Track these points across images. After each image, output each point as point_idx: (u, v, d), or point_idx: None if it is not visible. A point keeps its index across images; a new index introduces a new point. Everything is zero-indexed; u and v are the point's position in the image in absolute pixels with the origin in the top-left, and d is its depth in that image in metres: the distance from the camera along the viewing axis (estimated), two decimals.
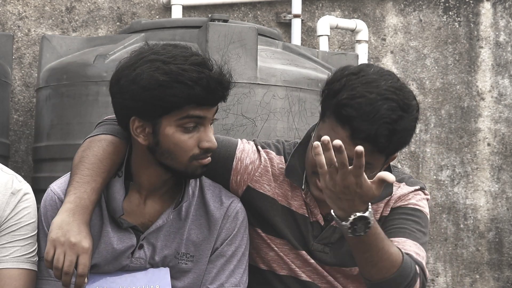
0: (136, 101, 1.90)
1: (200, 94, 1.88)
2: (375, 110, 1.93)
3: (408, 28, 4.82)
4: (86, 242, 1.88)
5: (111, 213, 2.00)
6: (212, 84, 1.89)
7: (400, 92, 1.98)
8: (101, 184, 1.97)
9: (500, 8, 4.94)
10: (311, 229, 2.16)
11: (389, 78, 2.01)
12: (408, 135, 2.01)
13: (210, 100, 1.92)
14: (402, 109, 1.96)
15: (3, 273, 1.96)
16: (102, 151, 2.00)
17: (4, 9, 4.15)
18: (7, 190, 1.99)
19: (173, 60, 1.89)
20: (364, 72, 2.00)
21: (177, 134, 1.93)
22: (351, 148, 1.95)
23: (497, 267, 4.93)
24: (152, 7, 4.36)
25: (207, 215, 2.08)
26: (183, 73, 1.87)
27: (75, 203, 1.91)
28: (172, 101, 1.88)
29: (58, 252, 1.87)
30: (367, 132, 1.93)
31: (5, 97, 3.50)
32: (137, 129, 1.95)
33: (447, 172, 4.88)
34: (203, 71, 1.88)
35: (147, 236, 2.03)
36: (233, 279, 2.08)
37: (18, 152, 4.14)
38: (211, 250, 2.08)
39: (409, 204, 2.16)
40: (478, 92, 4.91)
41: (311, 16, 4.64)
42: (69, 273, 1.86)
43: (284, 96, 3.18)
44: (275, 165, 2.19)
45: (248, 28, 3.14)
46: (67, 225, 1.88)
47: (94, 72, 3.21)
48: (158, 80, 1.87)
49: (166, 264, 2.05)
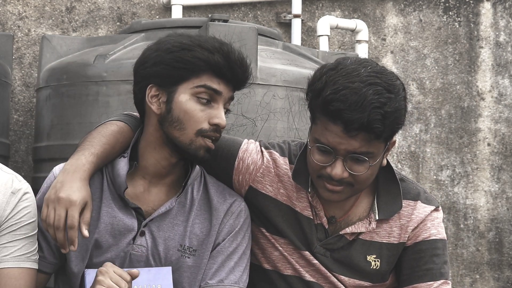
0: (158, 64, 1.99)
1: (219, 61, 1.95)
2: (362, 98, 1.92)
3: (408, 28, 4.83)
4: (75, 195, 1.89)
5: (117, 191, 2.03)
6: (232, 56, 1.97)
7: (381, 75, 1.98)
8: (101, 152, 2.01)
9: (500, 8, 4.94)
10: (315, 231, 2.16)
11: (367, 64, 2.01)
12: (400, 115, 2.00)
13: (229, 73, 1.98)
14: (388, 91, 1.95)
15: (4, 273, 1.97)
16: (106, 129, 2.06)
17: (4, 9, 4.15)
18: (7, 190, 1.99)
19: (197, 37, 2.00)
20: (342, 65, 2.00)
21: (190, 102, 1.98)
22: (349, 142, 1.96)
23: (497, 267, 4.93)
24: (152, 7, 4.36)
25: (210, 210, 2.10)
26: (206, 40, 1.98)
27: (70, 164, 1.96)
28: (192, 62, 1.95)
29: (49, 209, 1.91)
30: (359, 121, 1.92)
31: (5, 97, 3.50)
32: (153, 97, 2.01)
33: (447, 172, 4.88)
34: (225, 45, 1.99)
35: (149, 223, 2.04)
36: (232, 276, 2.08)
37: (18, 152, 4.14)
38: (213, 245, 2.09)
39: (431, 236, 2.17)
40: (478, 92, 4.91)
41: (311, 16, 4.64)
42: (59, 227, 1.89)
43: (284, 96, 3.18)
44: (279, 166, 2.18)
45: (248, 28, 3.15)
46: (59, 183, 1.92)
47: (94, 72, 3.21)
48: (182, 43, 1.98)
49: (169, 257, 2.06)
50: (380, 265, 2.17)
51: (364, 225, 2.15)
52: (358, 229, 2.15)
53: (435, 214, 2.19)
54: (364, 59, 2.06)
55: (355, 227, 2.15)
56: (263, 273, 2.21)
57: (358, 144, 1.97)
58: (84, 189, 1.92)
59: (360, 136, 1.95)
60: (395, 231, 2.17)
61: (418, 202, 2.18)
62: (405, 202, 2.17)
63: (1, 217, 1.98)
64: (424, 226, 2.17)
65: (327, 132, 1.98)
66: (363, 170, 2.01)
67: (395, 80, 2.01)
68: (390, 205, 2.15)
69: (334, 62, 2.04)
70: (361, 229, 2.15)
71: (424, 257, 2.16)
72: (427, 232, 2.17)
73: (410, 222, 2.16)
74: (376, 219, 2.15)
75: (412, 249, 2.17)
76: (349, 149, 1.97)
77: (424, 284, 2.13)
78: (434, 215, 2.19)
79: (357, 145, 1.97)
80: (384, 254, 2.17)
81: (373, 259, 2.16)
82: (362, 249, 2.17)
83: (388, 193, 2.16)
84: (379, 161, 2.05)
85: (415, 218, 2.16)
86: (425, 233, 2.17)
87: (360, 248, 2.17)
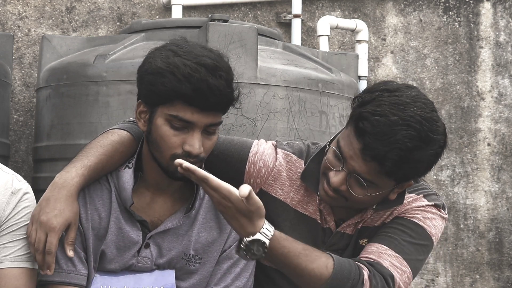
0: (140, 83, 1.95)
1: (186, 91, 1.85)
2: (391, 133, 1.89)
3: (408, 28, 4.82)
4: (55, 221, 1.87)
5: (123, 203, 2.01)
6: (204, 86, 1.85)
7: (426, 123, 1.92)
8: (95, 164, 1.97)
9: (500, 8, 4.94)
10: (322, 235, 2.16)
11: (421, 106, 1.95)
12: (422, 167, 1.97)
13: (199, 103, 1.87)
14: (421, 140, 1.91)
15: (4, 273, 1.97)
16: (105, 139, 2.03)
17: (4, 9, 4.15)
18: (7, 190, 1.99)
19: (183, 54, 1.88)
20: (399, 93, 1.96)
21: (164, 127, 1.92)
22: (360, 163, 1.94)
23: (497, 267, 4.93)
24: (152, 7, 4.36)
25: (217, 218, 2.08)
26: (180, 66, 1.86)
27: (59, 177, 1.94)
28: (161, 90, 1.87)
29: (33, 228, 1.90)
30: (376, 151, 1.90)
31: (5, 97, 3.49)
32: (141, 113, 1.98)
33: (447, 172, 4.88)
34: (201, 71, 1.85)
35: (154, 235, 2.03)
36: (238, 282, 2.08)
37: (18, 152, 4.14)
38: (220, 252, 2.08)
39: (413, 218, 2.11)
40: (478, 92, 4.91)
41: (311, 16, 4.64)
42: (38, 250, 1.88)
43: (284, 96, 3.18)
44: (293, 169, 2.17)
45: (248, 28, 3.14)
46: (45, 201, 1.90)
47: (94, 72, 3.21)
48: (157, 67, 1.88)
49: (173, 265, 2.05)
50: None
51: (360, 214, 2.14)
52: (354, 220, 2.14)
53: (432, 208, 2.14)
54: (424, 99, 1.98)
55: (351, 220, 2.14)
56: (264, 270, 2.20)
57: (367, 169, 1.95)
58: (67, 209, 1.90)
59: (372, 164, 1.93)
60: (386, 215, 2.15)
61: (420, 196, 2.16)
62: (408, 194, 2.14)
63: (1, 217, 1.98)
64: (413, 211, 2.12)
65: (348, 142, 1.97)
66: (360, 193, 1.99)
67: (438, 135, 1.95)
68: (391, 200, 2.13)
69: (396, 85, 1.98)
70: (356, 219, 2.14)
71: (394, 228, 2.09)
72: (411, 214, 2.11)
73: (402, 208, 2.12)
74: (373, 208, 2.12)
75: (389, 222, 2.12)
76: (357, 169, 1.96)
77: (378, 244, 2.05)
78: (431, 209, 2.14)
79: (366, 170, 1.95)
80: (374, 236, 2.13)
81: (365, 243, 2.14)
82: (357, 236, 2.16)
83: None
84: (381, 194, 2.02)
85: (409, 206, 2.13)
86: (409, 214, 2.11)
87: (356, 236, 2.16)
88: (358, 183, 1.98)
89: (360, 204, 2.06)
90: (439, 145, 1.97)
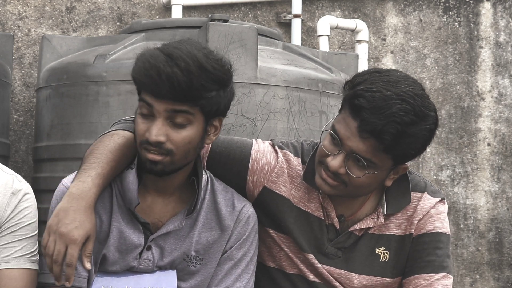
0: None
1: (140, 77, 1.88)
2: (387, 107, 1.92)
3: (408, 28, 4.82)
4: (76, 233, 1.84)
5: (127, 205, 2.00)
6: (153, 73, 1.85)
7: (419, 99, 1.96)
8: (108, 172, 1.95)
9: (500, 8, 4.94)
10: (326, 231, 2.17)
11: (411, 84, 1.99)
12: (417, 143, 1.98)
13: (152, 89, 1.87)
14: (416, 115, 1.94)
15: (4, 273, 1.96)
16: (113, 143, 2.01)
17: (4, 9, 4.15)
18: (7, 190, 1.99)
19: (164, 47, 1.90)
20: (389, 73, 2.00)
21: (137, 115, 1.94)
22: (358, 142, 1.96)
23: (497, 267, 4.93)
24: (152, 7, 4.36)
25: (218, 219, 2.08)
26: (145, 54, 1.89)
27: (76, 187, 1.90)
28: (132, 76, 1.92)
29: (50, 239, 1.85)
30: (373, 125, 1.92)
31: (5, 97, 3.49)
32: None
33: (447, 172, 4.88)
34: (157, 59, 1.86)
35: (156, 238, 2.03)
36: (239, 283, 2.07)
37: (18, 152, 4.14)
38: (221, 253, 2.08)
39: (435, 229, 2.18)
40: (478, 92, 4.91)
41: (311, 16, 4.64)
42: (57, 262, 1.84)
43: (284, 96, 3.18)
44: (292, 167, 2.18)
45: (248, 28, 3.14)
46: (63, 212, 1.86)
47: (94, 72, 3.20)
48: (137, 55, 1.92)
49: (174, 266, 2.05)
50: (389, 257, 2.18)
51: (372, 219, 2.16)
52: (367, 224, 2.16)
53: (440, 207, 2.21)
54: (414, 80, 2.03)
55: (364, 223, 2.16)
56: (266, 271, 2.21)
57: (365, 148, 1.96)
58: (87, 221, 1.87)
59: (370, 141, 1.95)
60: (402, 223, 2.18)
61: (424, 193, 2.20)
62: (412, 194, 2.18)
63: (2, 218, 1.97)
64: (430, 218, 2.18)
65: (344, 124, 1.99)
66: (359, 174, 2.01)
67: (431, 111, 1.98)
68: (398, 200, 2.16)
69: (385, 69, 2.04)
70: (370, 224, 2.16)
71: (427, 249, 2.17)
72: (431, 224, 2.18)
73: (416, 213, 2.17)
74: (384, 213, 2.16)
75: (416, 240, 2.18)
76: (354, 148, 1.97)
77: (425, 275, 2.15)
78: (440, 208, 2.21)
79: (364, 149, 1.97)
80: (393, 246, 2.18)
81: (382, 252, 2.18)
82: (370, 242, 2.18)
83: (398, 188, 2.16)
84: (380, 175, 2.04)
85: (421, 209, 2.18)
86: (430, 225, 2.18)
87: (369, 241, 2.18)
88: (357, 164, 2.00)
89: (359, 189, 2.07)
90: (433, 121, 1.99)
